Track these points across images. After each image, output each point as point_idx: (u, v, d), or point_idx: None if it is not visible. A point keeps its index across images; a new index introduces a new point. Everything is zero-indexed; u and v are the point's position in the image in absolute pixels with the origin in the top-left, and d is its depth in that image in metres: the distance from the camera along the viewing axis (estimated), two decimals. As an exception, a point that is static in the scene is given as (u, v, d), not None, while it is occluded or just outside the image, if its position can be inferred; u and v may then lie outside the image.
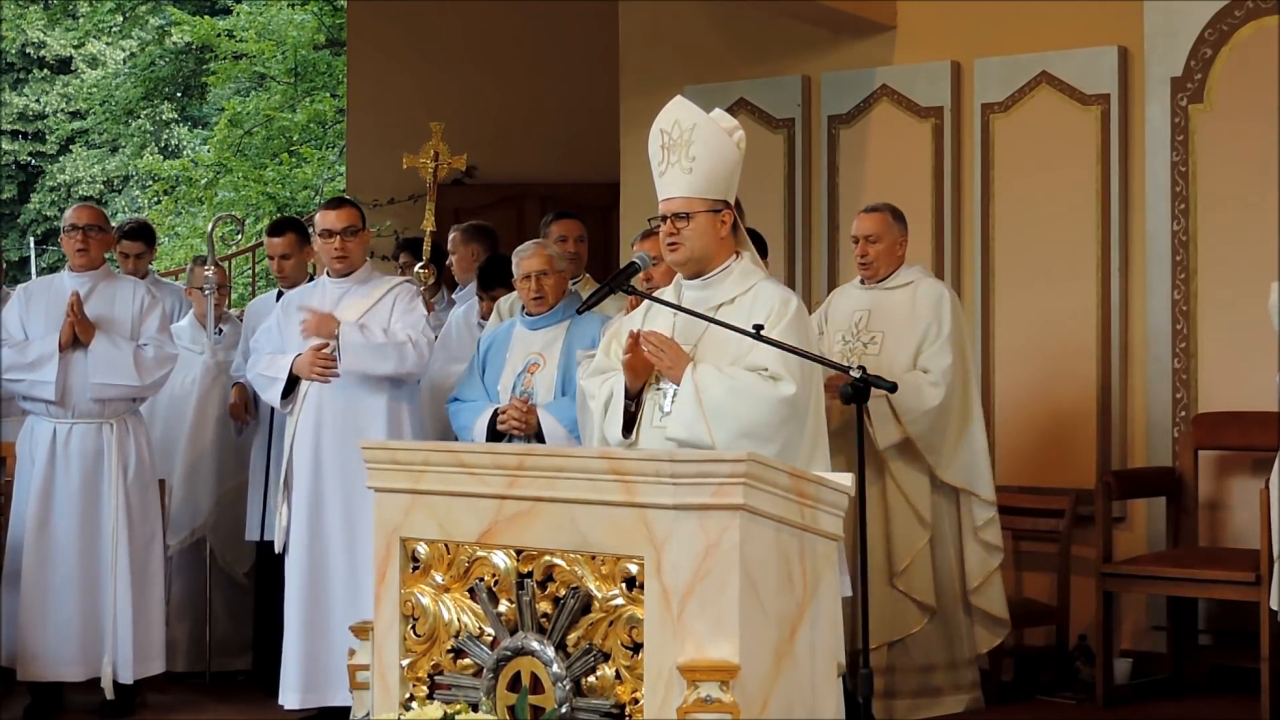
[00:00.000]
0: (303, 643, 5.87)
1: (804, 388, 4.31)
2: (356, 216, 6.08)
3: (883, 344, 5.89)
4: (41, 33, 22.34)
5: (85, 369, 6.24)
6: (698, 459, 3.42)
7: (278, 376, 6.03)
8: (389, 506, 3.77)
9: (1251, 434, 6.29)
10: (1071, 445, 6.83)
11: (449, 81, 10.16)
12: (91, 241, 6.38)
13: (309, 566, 5.89)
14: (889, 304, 5.96)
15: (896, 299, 5.96)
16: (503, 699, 3.53)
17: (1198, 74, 6.66)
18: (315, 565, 5.89)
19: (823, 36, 7.54)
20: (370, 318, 5.98)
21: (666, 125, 4.40)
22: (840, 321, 6.04)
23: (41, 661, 6.22)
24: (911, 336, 5.88)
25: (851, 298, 6.08)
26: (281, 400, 6.05)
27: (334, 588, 5.87)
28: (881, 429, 5.77)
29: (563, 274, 5.96)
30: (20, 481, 6.34)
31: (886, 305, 5.95)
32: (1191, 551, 6.41)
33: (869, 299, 6.00)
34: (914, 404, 5.77)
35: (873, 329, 5.93)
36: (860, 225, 6.01)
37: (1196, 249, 6.65)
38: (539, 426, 5.74)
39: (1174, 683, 6.41)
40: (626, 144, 7.98)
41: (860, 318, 5.97)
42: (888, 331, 5.90)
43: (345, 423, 5.89)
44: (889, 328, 5.91)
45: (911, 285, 5.98)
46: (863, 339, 5.94)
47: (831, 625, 3.63)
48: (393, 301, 6.02)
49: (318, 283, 6.28)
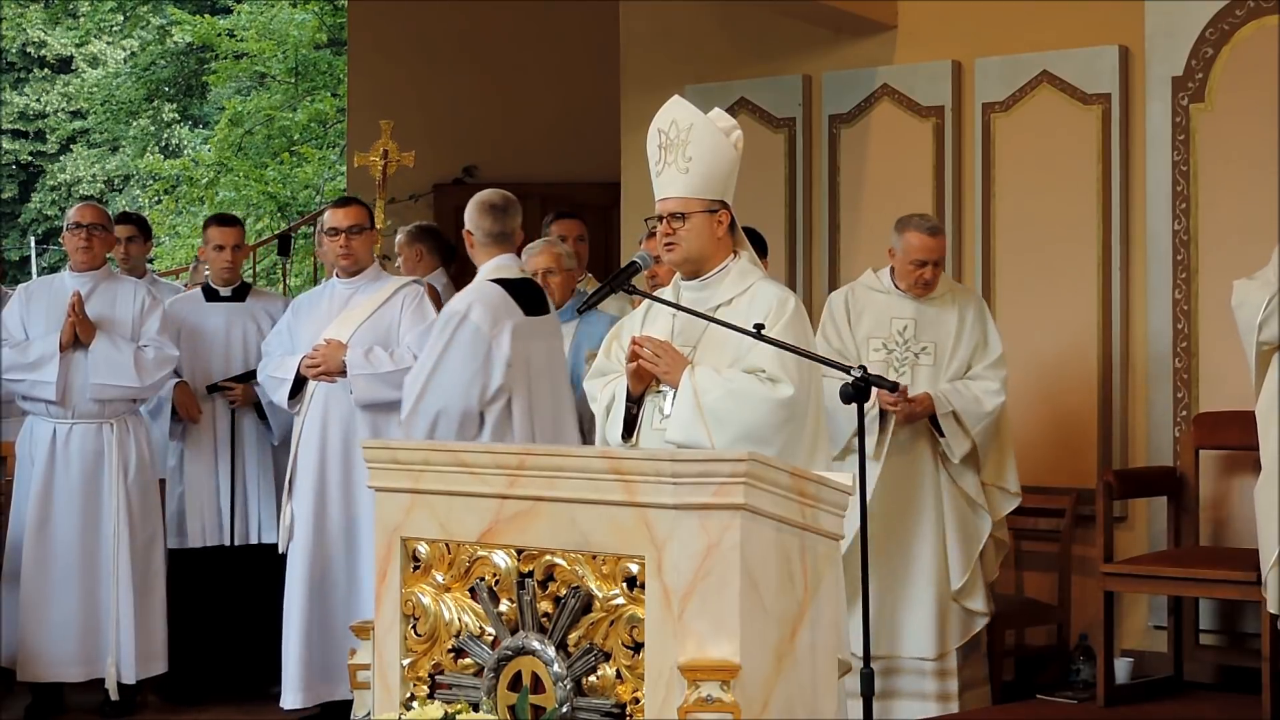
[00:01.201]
0: (304, 644, 5.87)
1: (803, 388, 4.31)
2: (364, 215, 6.09)
3: (936, 355, 5.97)
4: (42, 32, 22.36)
5: (86, 369, 6.25)
6: (698, 458, 3.42)
7: (286, 377, 6.04)
8: (389, 506, 3.76)
9: (1252, 434, 6.25)
10: (1072, 445, 6.83)
11: (449, 81, 10.16)
12: (95, 240, 6.41)
13: (311, 567, 5.89)
14: (935, 315, 6.01)
15: (940, 310, 6.01)
16: (503, 698, 3.53)
17: (1198, 73, 6.66)
18: (318, 566, 5.89)
19: (823, 36, 7.54)
20: (378, 318, 5.97)
21: (664, 125, 4.39)
22: (878, 329, 6.03)
23: (41, 662, 6.23)
24: (962, 348, 5.98)
25: (890, 306, 6.04)
26: (289, 400, 6.05)
27: (337, 588, 5.89)
28: (955, 441, 5.87)
29: (570, 273, 5.98)
30: (20, 482, 6.35)
31: (933, 317, 6.01)
32: (1192, 551, 6.41)
33: (912, 309, 6.01)
34: (975, 410, 5.88)
35: (922, 340, 5.99)
36: (929, 250, 5.92)
37: (1197, 249, 6.65)
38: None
39: (1174, 683, 6.41)
40: (626, 144, 7.98)
41: (905, 327, 6.00)
42: (939, 343, 5.98)
43: (351, 424, 5.90)
44: (940, 339, 5.99)
45: (949, 295, 6.05)
46: (913, 349, 5.98)
47: (832, 625, 3.63)
48: (401, 303, 6.01)
49: (326, 285, 6.29)
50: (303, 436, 5.95)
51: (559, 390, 5.61)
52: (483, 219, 5.57)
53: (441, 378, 5.37)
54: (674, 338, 4.43)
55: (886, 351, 5.98)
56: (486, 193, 5.65)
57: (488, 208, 5.57)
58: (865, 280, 6.14)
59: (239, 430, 6.64)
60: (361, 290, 6.08)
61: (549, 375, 5.55)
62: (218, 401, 6.65)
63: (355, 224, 6.02)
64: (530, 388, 5.46)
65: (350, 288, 6.09)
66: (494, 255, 5.55)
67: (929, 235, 5.93)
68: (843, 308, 6.07)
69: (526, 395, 5.45)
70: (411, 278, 6.32)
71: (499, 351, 5.37)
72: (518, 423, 5.43)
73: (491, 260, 5.55)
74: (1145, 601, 6.65)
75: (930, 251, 5.93)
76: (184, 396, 6.59)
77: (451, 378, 5.36)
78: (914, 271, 5.94)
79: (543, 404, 5.50)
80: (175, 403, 6.58)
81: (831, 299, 6.20)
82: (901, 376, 5.87)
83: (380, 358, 5.86)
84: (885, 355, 5.97)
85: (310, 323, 6.09)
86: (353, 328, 5.96)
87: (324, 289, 6.29)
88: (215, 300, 6.78)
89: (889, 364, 5.94)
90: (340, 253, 6.05)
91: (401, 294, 6.04)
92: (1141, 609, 6.69)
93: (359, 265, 6.07)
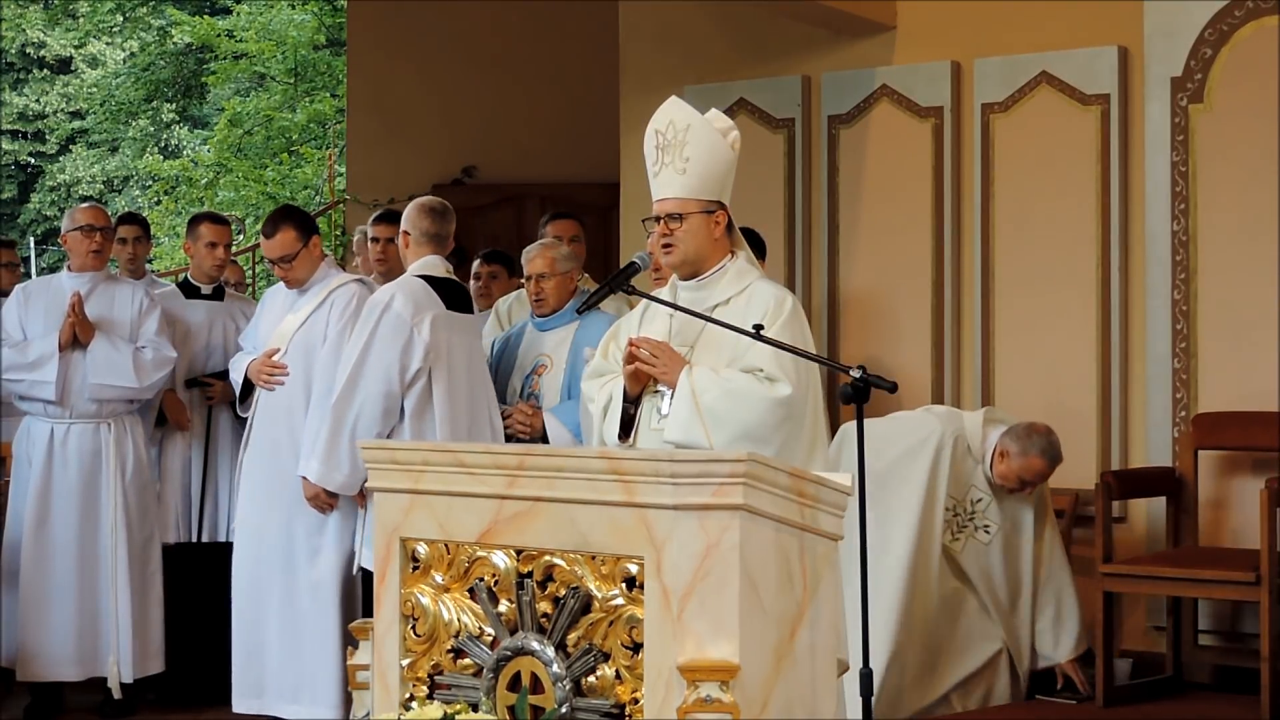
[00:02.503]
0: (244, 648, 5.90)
1: (801, 388, 4.30)
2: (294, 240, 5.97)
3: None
4: (41, 33, 22.37)
5: (85, 370, 6.25)
6: (697, 459, 3.42)
7: (237, 379, 6.09)
8: (389, 506, 3.77)
9: (1252, 434, 6.29)
10: (1071, 445, 6.81)
11: (449, 81, 10.17)
12: (107, 244, 6.48)
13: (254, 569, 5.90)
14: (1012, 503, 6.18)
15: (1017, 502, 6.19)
16: (503, 699, 3.53)
17: (1198, 74, 6.66)
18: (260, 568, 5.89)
19: (823, 36, 7.54)
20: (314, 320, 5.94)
21: (661, 126, 4.39)
22: (956, 490, 6.10)
23: (40, 661, 6.23)
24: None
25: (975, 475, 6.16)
26: (240, 403, 6.10)
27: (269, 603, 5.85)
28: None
29: (566, 276, 5.97)
30: (17, 481, 6.35)
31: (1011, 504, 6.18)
32: (1191, 551, 6.41)
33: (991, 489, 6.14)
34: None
35: (990, 517, 6.11)
36: (1040, 475, 6.01)
37: (1196, 249, 6.64)
38: (544, 430, 5.76)
39: (1174, 683, 6.41)
40: (626, 144, 7.97)
41: (981, 499, 6.10)
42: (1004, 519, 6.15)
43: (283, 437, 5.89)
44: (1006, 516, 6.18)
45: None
46: (978, 522, 6.10)
47: (831, 625, 3.63)
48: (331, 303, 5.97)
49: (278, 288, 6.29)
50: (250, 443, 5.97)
51: (477, 384, 5.72)
52: (422, 219, 5.77)
53: (369, 362, 5.55)
54: (671, 338, 4.43)
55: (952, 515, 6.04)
56: (427, 199, 5.91)
57: (428, 210, 5.80)
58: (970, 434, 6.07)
59: (214, 426, 6.66)
60: (310, 287, 6.04)
61: (468, 368, 5.70)
62: (194, 396, 6.67)
63: (284, 255, 5.95)
64: (449, 374, 5.61)
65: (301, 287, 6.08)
66: (424, 255, 5.75)
67: (1049, 464, 5.99)
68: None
69: (446, 379, 5.60)
70: (354, 276, 6.28)
71: (419, 336, 5.56)
72: (438, 403, 5.57)
73: (420, 259, 5.75)
74: (1144, 602, 6.65)
75: (1042, 478, 6.03)
76: (174, 403, 6.59)
77: (376, 361, 5.55)
78: (1017, 483, 5.99)
79: (459, 392, 5.64)
80: (165, 408, 6.59)
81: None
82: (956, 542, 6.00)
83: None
84: (950, 518, 6.02)
85: (266, 320, 6.19)
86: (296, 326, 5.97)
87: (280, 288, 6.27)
88: (195, 297, 6.80)
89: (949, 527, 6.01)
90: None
91: (332, 296, 6.00)
92: (1140, 609, 6.69)
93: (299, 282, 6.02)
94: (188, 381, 6.67)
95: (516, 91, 10.03)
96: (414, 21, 10.23)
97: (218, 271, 6.86)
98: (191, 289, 6.84)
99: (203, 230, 6.83)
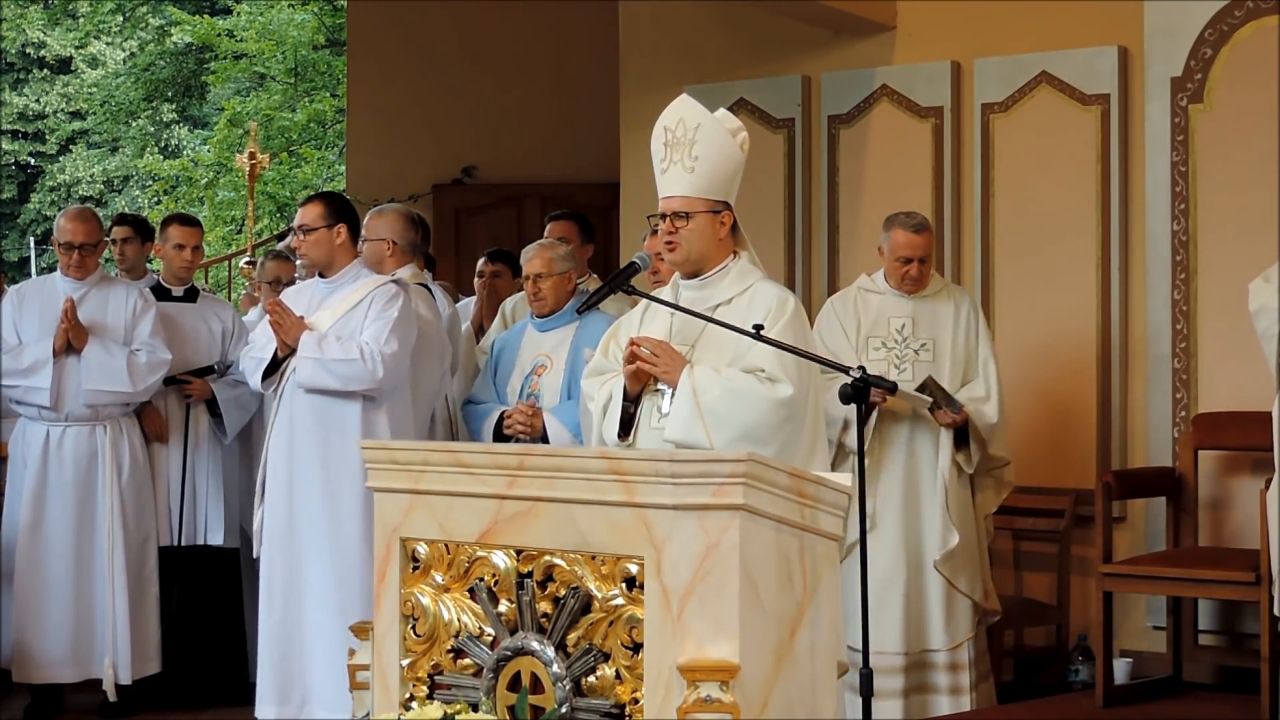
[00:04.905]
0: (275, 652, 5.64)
1: (802, 389, 4.30)
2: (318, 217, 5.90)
3: (935, 351, 6.03)
4: (41, 33, 22.36)
5: (79, 374, 6.24)
6: (697, 459, 3.42)
7: (264, 357, 5.92)
8: (389, 506, 3.76)
9: (1251, 434, 6.29)
10: (1071, 445, 6.84)
11: (448, 81, 10.17)
12: (87, 259, 6.38)
13: (285, 572, 5.67)
14: (931, 312, 6.06)
15: (936, 306, 6.07)
16: (503, 699, 3.53)
17: (1198, 74, 6.66)
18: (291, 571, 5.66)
19: (823, 36, 7.55)
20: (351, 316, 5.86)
21: (670, 123, 4.38)
22: (876, 329, 6.08)
23: (36, 663, 6.23)
24: (960, 345, 6.05)
25: (886, 305, 6.07)
26: (263, 380, 5.92)
27: (310, 595, 5.63)
28: (978, 455, 5.97)
29: (564, 276, 5.96)
30: (13, 483, 6.34)
31: (929, 313, 6.06)
32: (1191, 551, 6.41)
33: (909, 307, 6.05)
34: (981, 423, 5.95)
35: (920, 336, 6.04)
36: (914, 246, 5.98)
37: (1196, 249, 6.65)
38: (544, 430, 5.74)
39: (1174, 683, 6.41)
40: (626, 144, 7.98)
41: (904, 325, 6.05)
42: (937, 339, 6.04)
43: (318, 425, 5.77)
44: (937, 335, 6.04)
45: (945, 292, 6.13)
46: (912, 346, 6.04)
47: (831, 625, 3.63)
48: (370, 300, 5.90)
49: (307, 283, 6.22)
50: (272, 440, 5.84)
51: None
52: (408, 231, 6.18)
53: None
54: (671, 337, 4.43)
55: (886, 350, 6.02)
56: (408, 210, 6.21)
57: (413, 223, 6.18)
58: (860, 283, 6.18)
59: (192, 426, 6.62)
60: (340, 287, 5.96)
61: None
62: (171, 395, 6.61)
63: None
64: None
65: (330, 285, 6.01)
66: (405, 265, 6.13)
67: (914, 232, 5.98)
68: (841, 312, 6.10)
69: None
70: (390, 276, 6.25)
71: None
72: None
73: (403, 268, 6.08)
74: (1144, 602, 6.65)
75: (916, 248, 5.98)
76: (152, 416, 6.54)
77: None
78: (901, 269, 6.00)
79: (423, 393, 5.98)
80: (143, 421, 6.50)
81: (830, 302, 6.21)
82: (902, 374, 5.91)
83: (331, 346, 5.77)
84: (885, 354, 6.01)
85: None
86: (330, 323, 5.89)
87: (305, 286, 6.19)
88: (167, 300, 6.72)
89: (889, 362, 5.99)
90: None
91: (372, 293, 5.94)
92: (1140, 609, 6.69)
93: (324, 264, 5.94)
94: (165, 380, 6.60)
95: (516, 91, 10.02)
96: (414, 21, 10.23)
97: (186, 273, 6.79)
98: (163, 291, 6.75)
99: (171, 232, 6.77)
